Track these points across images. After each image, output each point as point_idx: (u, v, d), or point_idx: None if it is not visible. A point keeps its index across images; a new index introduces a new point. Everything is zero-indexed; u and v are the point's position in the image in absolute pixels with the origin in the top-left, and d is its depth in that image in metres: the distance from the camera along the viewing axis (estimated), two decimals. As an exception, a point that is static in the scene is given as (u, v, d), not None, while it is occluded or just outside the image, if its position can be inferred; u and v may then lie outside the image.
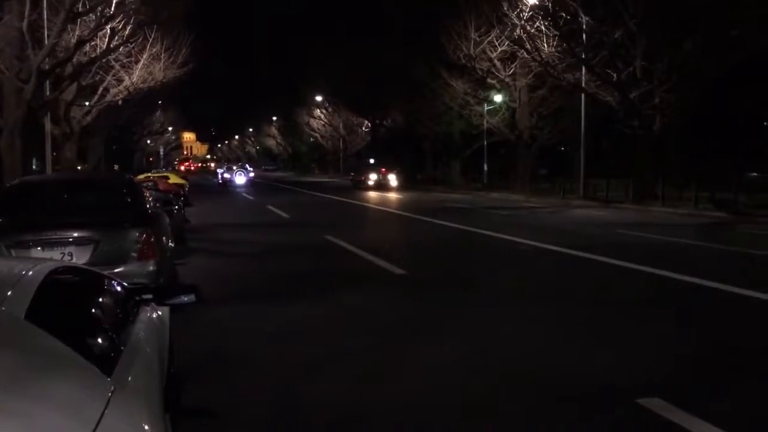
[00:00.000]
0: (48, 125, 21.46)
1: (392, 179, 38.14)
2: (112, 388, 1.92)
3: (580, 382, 4.63)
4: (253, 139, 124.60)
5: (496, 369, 4.95)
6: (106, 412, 1.76)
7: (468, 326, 6.33)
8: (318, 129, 68.57)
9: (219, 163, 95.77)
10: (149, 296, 3.48)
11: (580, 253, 10.77)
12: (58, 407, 1.66)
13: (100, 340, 2.35)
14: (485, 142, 35.25)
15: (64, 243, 5.91)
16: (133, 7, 20.98)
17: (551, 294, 7.87)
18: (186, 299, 3.44)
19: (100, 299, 2.91)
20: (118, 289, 3.21)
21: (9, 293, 2.16)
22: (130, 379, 2.21)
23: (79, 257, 5.86)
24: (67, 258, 5.84)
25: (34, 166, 31.69)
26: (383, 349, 5.57)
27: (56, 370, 1.82)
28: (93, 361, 2.00)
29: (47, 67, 18.43)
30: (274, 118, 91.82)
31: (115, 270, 5.77)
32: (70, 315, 2.43)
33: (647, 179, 23.11)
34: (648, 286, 8.38)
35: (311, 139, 75.10)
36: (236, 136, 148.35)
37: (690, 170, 28.35)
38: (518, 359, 5.19)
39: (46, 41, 18.19)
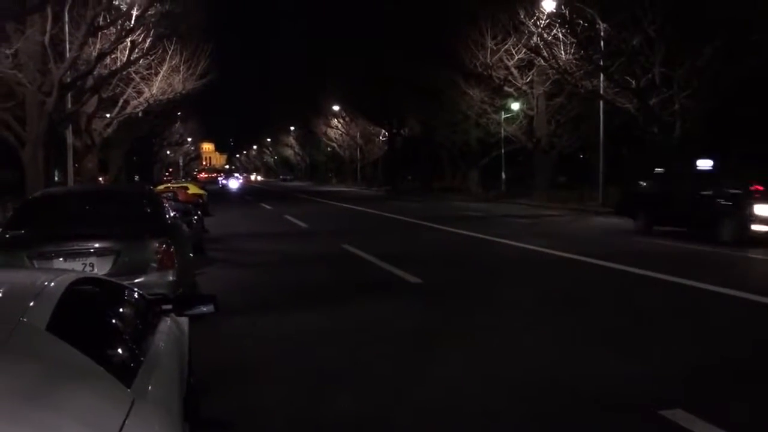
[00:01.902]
0: (70, 137, 21.76)
1: None
2: (132, 399, 1.93)
3: (601, 393, 4.58)
4: (270, 149, 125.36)
5: (514, 379, 4.91)
6: (126, 422, 1.77)
7: (485, 335, 6.29)
8: (335, 138, 68.81)
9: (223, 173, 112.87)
10: (168, 306, 3.50)
11: (600, 262, 10.68)
12: (79, 418, 1.67)
13: (120, 351, 2.37)
14: (503, 150, 35.15)
15: (86, 254, 5.98)
16: (152, 20, 21.28)
17: (570, 303, 7.80)
18: (205, 309, 3.46)
19: (121, 310, 2.93)
20: (138, 299, 3.24)
21: (31, 304, 2.19)
22: (149, 389, 2.22)
23: (100, 268, 5.92)
24: (88, 269, 5.90)
25: (56, 178, 32.11)
26: (400, 358, 5.56)
27: (77, 381, 1.84)
28: (113, 371, 2.01)
29: (69, 80, 18.71)
30: (292, 128, 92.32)
31: (135, 280, 5.82)
32: (90, 326, 2.46)
33: (667, 186, 22.83)
34: (669, 294, 8.28)
35: (329, 149, 75.37)
36: (254, 146, 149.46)
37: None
38: (537, 369, 5.15)
39: (67, 55, 18.48)
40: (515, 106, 32.66)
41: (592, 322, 6.77)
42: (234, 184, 69.79)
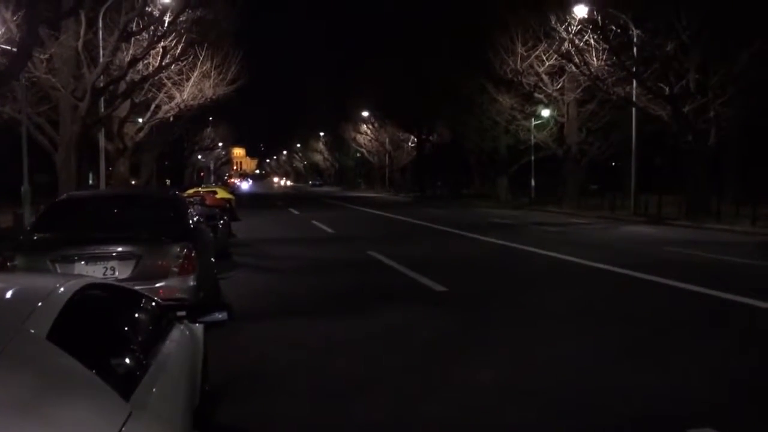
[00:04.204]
0: (102, 141, 22.11)
1: None
2: (129, 411, 1.87)
3: (627, 409, 4.42)
4: (300, 154, 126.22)
5: (537, 392, 4.76)
6: None
7: (509, 347, 6.14)
8: (364, 144, 68.94)
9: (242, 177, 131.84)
10: (182, 313, 3.46)
11: (629, 272, 10.43)
12: (69, 431, 1.62)
13: (123, 361, 2.31)
14: (533, 157, 34.81)
15: (107, 258, 5.99)
16: (184, 26, 21.52)
17: (597, 314, 7.60)
18: (219, 316, 3.42)
19: (129, 317, 2.88)
20: (150, 306, 3.19)
21: (33, 312, 2.14)
22: (151, 400, 2.17)
23: (122, 272, 5.92)
24: (109, 273, 5.91)
25: (90, 181, 32.68)
26: (423, 368, 5.45)
27: (71, 393, 1.78)
28: (112, 383, 1.95)
29: (102, 84, 19.01)
30: (322, 134, 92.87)
31: (156, 285, 5.81)
32: (94, 334, 2.41)
33: (702, 195, 22.36)
34: (699, 307, 8.01)
35: (357, 155, 75.58)
36: (284, 152, 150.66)
37: (748, 186, 27.39)
38: (561, 382, 4.99)
39: (100, 60, 18.78)
40: (545, 112, 32.34)
41: (622, 334, 6.57)
42: (245, 185, 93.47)
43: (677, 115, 22.49)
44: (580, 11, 24.31)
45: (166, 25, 20.36)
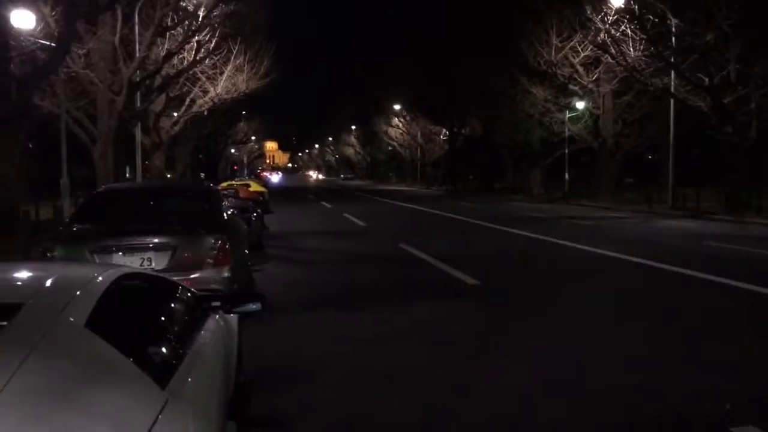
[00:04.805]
0: (138, 135, 22.46)
1: None
2: (165, 399, 1.87)
3: (666, 407, 4.32)
4: (332, 148, 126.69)
5: (572, 389, 4.69)
6: (156, 424, 1.71)
7: (543, 342, 6.06)
8: (396, 138, 68.86)
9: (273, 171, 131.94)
10: (217, 303, 3.47)
11: (667, 267, 10.22)
12: (104, 419, 1.63)
13: (159, 350, 2.32)
14: (566, 150, 34.34)
15: (144, 249, 6.06)
16: (217, 20, 21.72)
17: (633, 310, 7.46)
18: (254, 307, 3.43)
19: (165, 307, 2.90)
20: (186, 296, 3.20)
21: (72, 300, 2.16)
22: (187, 389, 2.17)
23: (158, 263, 5.99)
24: (146, 263, 5.98)
25: (127, 175, 33.23)
26: (455, 363, 5.41)
27: (108, 381, 1.79)
28: (149, 371, 1.96)
29: (138, 79, 19.29)
30: (353, 127, 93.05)
31: (191, 276, 5.86)
32: (131, 323, 2.42)
33: (742, 189, 21.81)
34: (740, 303, 7.82)
35: (389, 148, 75.54)
36: (316, 145, 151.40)
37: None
38: (597, 379, 4.90)
39: (137, 54, 19.05)
40: (580, 104, 31.86)
41: (659, 330, 6.44)
42: (275, 178, 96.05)
43: (717, 106, 21.95)
44: (617, 0, 23.85)
45: (200, 19, 20.58)
